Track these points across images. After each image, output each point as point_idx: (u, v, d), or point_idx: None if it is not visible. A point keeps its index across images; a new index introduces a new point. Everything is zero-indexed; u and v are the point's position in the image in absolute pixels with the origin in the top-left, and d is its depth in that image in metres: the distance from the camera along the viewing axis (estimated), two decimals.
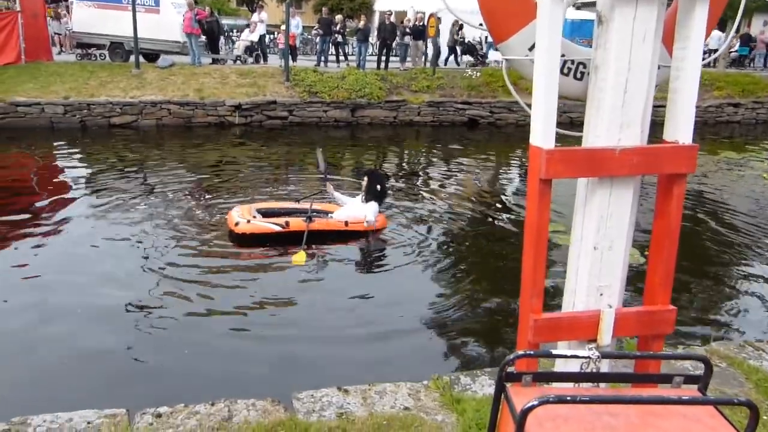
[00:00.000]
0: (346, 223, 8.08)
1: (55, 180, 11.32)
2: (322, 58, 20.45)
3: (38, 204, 9.50)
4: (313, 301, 6.41)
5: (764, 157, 16.22)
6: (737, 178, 13.60)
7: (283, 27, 20.20)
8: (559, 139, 2.26)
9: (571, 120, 15.23)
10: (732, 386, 4.03)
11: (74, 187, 10.54)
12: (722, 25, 21.66)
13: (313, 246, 7.65)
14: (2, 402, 4.29)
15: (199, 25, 18.16)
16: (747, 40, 26.21)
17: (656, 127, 2.31)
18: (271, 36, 22.69)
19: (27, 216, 8.76)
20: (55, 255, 7.35)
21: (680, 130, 2.24)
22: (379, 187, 8.35)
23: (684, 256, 7.71)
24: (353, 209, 8.27)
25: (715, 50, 14.18)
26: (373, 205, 8.18)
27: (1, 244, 7.59)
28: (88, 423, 3.30)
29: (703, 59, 2.31)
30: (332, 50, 21.42)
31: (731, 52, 25.54)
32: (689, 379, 2.01)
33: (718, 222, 10.06)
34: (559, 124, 2.24)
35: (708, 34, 2.38)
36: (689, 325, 6.20)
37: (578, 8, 24.50)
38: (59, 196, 9.89)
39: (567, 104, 15.33)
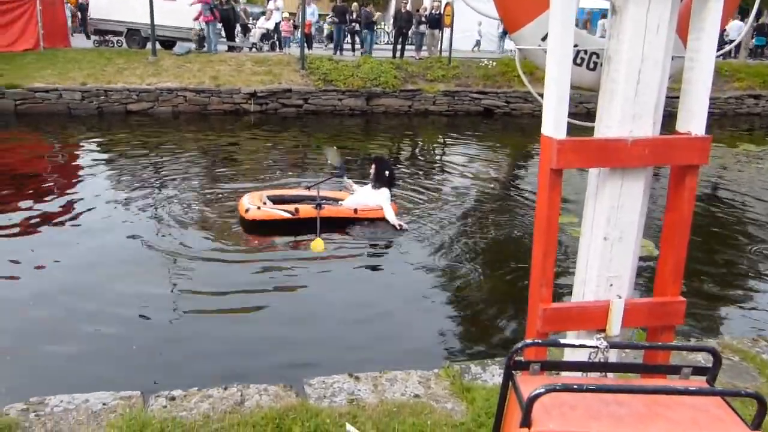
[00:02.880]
0: (356, 211, 8.10)
1: (71, 165, 11.44)
2: (339, 47, 20.43)
3: (55, 189, 9.62)
4: (323, 288, 6.44)
5: None
6: (756, 171, 13.44)
7: (286, 14, 20.22)
8: (572, 129, 2.26)
9: (588, 111, 15.15)
10: (744, 380, 4.02)
11: (90, 172, 10.64)
12: (744, 15, 21.35)
13: (324, 233, 7.68)
14: (21, 382, 4.38)
15: (212, 13, 18.13)
16: (763, 30, 25.76)
17: (672, 118, 2.30)
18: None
19: (44, 201, 8.87)
20: (71, 239, 7.44)
21: (693, 121, 2.23)
22: (387, 172, 8.34)
23: (699, 249, 7.71)
24: (363, 196, 8.29)
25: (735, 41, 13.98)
26: (385, 192, 8.19)
27: (19, 228, 7.69)
28: (104, 404, 3.36)
29: (721, 50, 2.30)
30: (348, 38, 21.40)
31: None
32: (698, 371, 2.01)
33: (735, 215, 9.97)
34: (575, 115, 2.24)
35: (724, 25, 2.36)
36: (702, 318, 6.17)
37: None
38: (75, 182, 10.01)
39: (584, 95, 15.27)
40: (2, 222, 7.84)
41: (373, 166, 8.41)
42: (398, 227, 7.91)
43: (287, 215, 7.82)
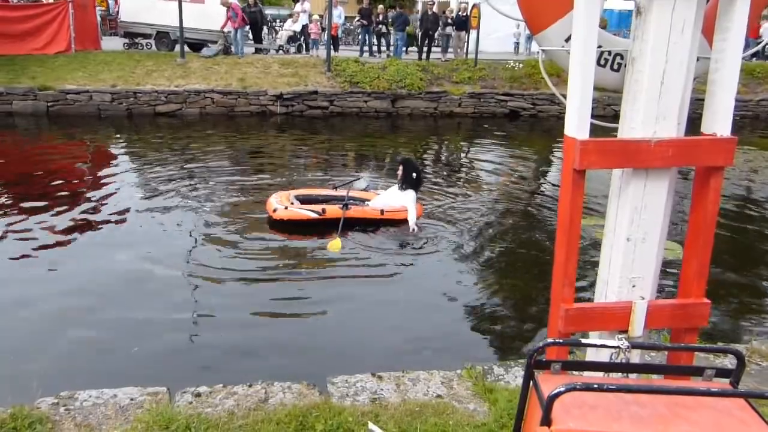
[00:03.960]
0: (382, 212, 8.15)
1: (102, 165, 11.65)
2: (365, 49, 20.49)
3: (85, 188, 9.81)
4: (347, 288, 6.48)
5: None
6: None
7: (315, 17, 20.36)
8: (596, 130, 2.26)
9: (615, 113, 14.97)
10: None
11: (119, 173, 10.84)
12: None
13: (349, 233, 7.73)
14: (52, 376, 4.48)
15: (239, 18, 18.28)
16: None
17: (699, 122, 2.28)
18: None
19: (74, 200, 9.04)
20: (100, 237, 7.60)
21: (718, 122, 2.22)
22: (414, 174, 8.38)
23: (729, 252, 7.60)
24: (390, 198, 8.33)
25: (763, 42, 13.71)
26: (411, 194, 8.22)
27: (50, 227, 7.85)
28: (132, 399, 3.43)
29: (749, 50, 2.28)
30: (375, 40, 21.48)
31: None
32: (721, 373, 2.00)
33: (766, 218, 9.79)
34: (602, 117, 2.24)
35: (753, 26, 2.34)
36: (730, 322, 6.08)
37: None
38: (105, 182, 10.19)
39: (612, 97, 15.05)
40: (35, 221, 8.02)
41: (401, 168, 8.46)
42: (412, 230, 7.94)
43: (314, 215, 7.89)
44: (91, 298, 6.00)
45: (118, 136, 14.33)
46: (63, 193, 9.39)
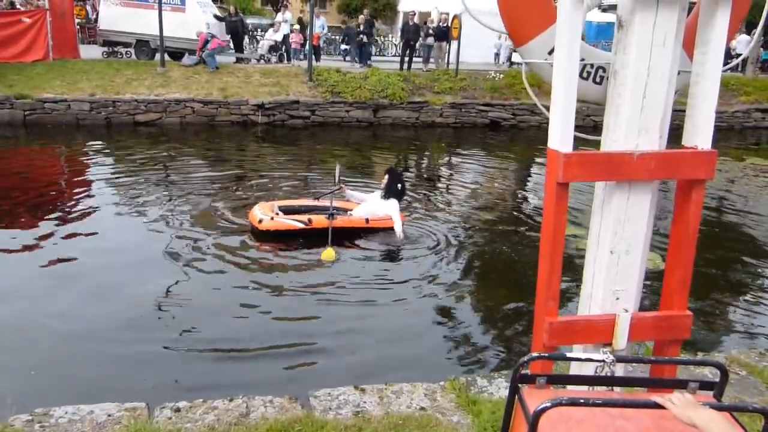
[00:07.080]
0: (367, 221, 8.15)
1: (80, 175, 11.50)
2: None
3: (63, 199, 9.67)
4: (330, 299, 6.44)
5: None
6: (763, 185, 13.38)
7: (296, 26, 20.32)
8: (578, 143, 2.27)
9: (595, 124, 15.13)
10: (751, 394, 3.99)
11: (98, 183, 10.69)
12: (751, 29, 21.30)
13: (334, 243, 7.70)
14: (26, 393, 4.38)
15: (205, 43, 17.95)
16: None
17: (679, 132, 2.30)
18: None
19: (52, 211, 8.90)
20: (79, 250, 7.46)
21: (699, 135, 2.24)
22: (399, 185, 8.41)
23: (706, 263, 7.68)
24: (373, 206, 8.33)
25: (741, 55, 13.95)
26: (394, 203, 8.24)
27: (28, 237, 7.72)
28: (109, 416, 3.36)
29: (728, 63, 2.30)
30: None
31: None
32: (705, 386, 2.00)
33: (742, 229, 9.93)
34: (582, 128, 2.24)
35: (730, 39, 2.37)
36: (710, 333, 6.14)
37: (604, 11, 24.33)
38: (84, 192, 10.06)
39: (591, 108, 15.18)
40: (11, 232, 7.89)
41: (386, 177, 8.48)
42: (399, 236, 7.95)
43: (301, 225, 7.85)
44: (63, 312, 5.88)
45: (97, 145, 14.13)
46: (39, 204, 9.23)
